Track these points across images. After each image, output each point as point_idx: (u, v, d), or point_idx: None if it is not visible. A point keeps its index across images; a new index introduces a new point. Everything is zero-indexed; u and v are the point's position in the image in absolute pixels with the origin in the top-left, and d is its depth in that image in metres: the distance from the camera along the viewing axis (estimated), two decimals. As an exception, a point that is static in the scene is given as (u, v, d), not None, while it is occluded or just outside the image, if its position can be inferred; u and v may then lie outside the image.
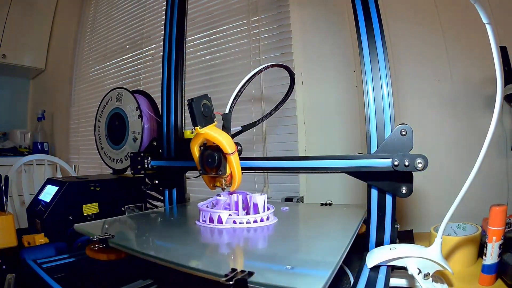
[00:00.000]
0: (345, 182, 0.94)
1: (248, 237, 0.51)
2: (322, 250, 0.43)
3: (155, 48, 1.54)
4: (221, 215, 0.54)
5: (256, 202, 0.56)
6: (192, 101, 0.53)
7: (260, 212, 0.56)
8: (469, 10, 0.70)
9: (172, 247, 0.48)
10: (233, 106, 0.61)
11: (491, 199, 0.69)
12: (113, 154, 1.04)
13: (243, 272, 0.32)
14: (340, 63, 1.00)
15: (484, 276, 0.49)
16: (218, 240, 0.50)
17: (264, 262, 0.39)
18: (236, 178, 0.56)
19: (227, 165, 0.56)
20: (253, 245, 0.49)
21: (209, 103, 0.55)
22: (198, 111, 0.53)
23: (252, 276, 0.32)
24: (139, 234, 0.57)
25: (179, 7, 0.82)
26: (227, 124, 0.59)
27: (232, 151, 0.54)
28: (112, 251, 0.49)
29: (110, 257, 0.50)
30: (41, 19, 2.23)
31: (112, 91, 1.04)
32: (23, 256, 0.59)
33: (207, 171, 0.58)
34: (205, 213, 0.56)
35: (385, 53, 0.56)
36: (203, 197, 1.09)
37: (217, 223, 0.54)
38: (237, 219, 0.54)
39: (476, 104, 0.81)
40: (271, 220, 0.57)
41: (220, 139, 0.54)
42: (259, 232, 0.52)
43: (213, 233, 0.52)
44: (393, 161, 0.50)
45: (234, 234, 0.51)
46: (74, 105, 2.04)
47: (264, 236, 0.51)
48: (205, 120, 0.54)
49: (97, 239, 0.48)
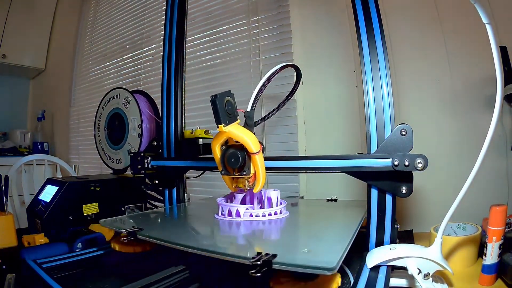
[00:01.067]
0: (345, 182, 0.94)
1: (265, 228, 0.55)
2: (332, 238, 0.48)
3: (155, 48, 1.54)
4: (239, 209, 0.58)
5: (270, 196, 0.60)
6: (216, 97, 0.49)
7: (274, 206, 0.59)
8: (469, 10, 0.70)
9: (200, 237, 0.53)
10: (256, 104, 0.57)
11: (491, 199, 0.69)
12: (113, 154, 1.04)
13: (268, 255, 0.36)
14: (340, 63, 1.00)
15: (484, 276, 0.49)
16: (238, 230, 0.54)
17: (283, 247, 0.44)
18: (261, 179, 0.54)
19: (251, 165, 0.54)
20: (271, 234, 0.53)
21: (232, 100, 0.52)
22: (221, 108, 0.50)
23: (276, 257, 0.36)
24: (163, 227, 0.61)
25: (179, 7, 0.82)
26: (250, 122, 0.56)
27: (257, 150, 0.52)
28: (139, 244, 0.53)
29: (136, 250, 0.55)
30: (41, 19, 2.23)
31: (112, 91, 1.04)
32: (23, 256, 0.59)
33: (230, 172, 0.55)
34: (224, 207, 0.59)
35: (385, 53, 0.56)
36: (203, 197, 1.09)
37: (235, 216, 0.58)
38: (253, 212, 0.58)
39: (476, 104, 0.81)
40: (283, 213, 0.61)
41: (245, 137, 0.52)
42: (273, 224, 0.56)
43: (231, 225, 0.56)
44: (393, 161, 0.50)
45: (251, 226, 0.55)
46: (74, 105, 2.04)
47: (279, 227, 0.56)
48: (228, 118, 0.51)
49: (126, 232, 0.50)
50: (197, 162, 0.75)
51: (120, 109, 1.01)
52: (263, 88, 0.58)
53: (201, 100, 1.27)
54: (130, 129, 0.97)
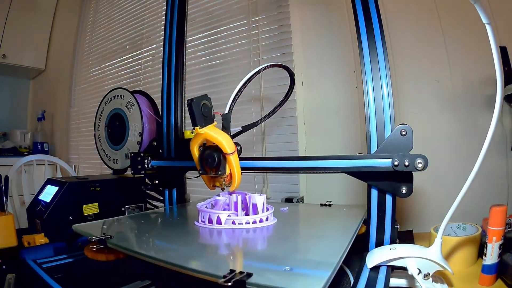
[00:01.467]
0: (345, 183, 0.94)
1: (247, 237, 0.51)
2: (322, 251, 0.43)
3: (155, 48, 1.54)
4: (220, 215, 0.54)
5: (255, 202, 0.56)
6: (192, 101, 0.53)
7: (260, 213, 0.56)
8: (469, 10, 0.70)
9: (171, 248, 0.48)
10: (233, 106, 0.61)
11: (491, 199, 0.69)
12: (112, 154, 1.04)
13: (242, 273, 0.32)
14: (340, 63, 1.00)
15: (484, 276, 0.49)
16: (217, 240, 0.50)
17: (263, 263, 0.39)
18: (236, 178, 0.56)
19: (227, 165, 0.56)
20: (252, 246, 0.49)
21: (208, 103, 0.55)
22: (197, 111, 0.53)
23: (251, 277, 0.32)
24: (137, 234, 0.56)
25: (179, 7, 0.82)
26: (227, 124, 0.59)
27: (232, 151, 0.55)
28: (111, 251, 0.49)
29: (109, 258, 0.50)
30: (41, 19, 2.23)
31: (112, 91, 1.04)
32: (23, 256, 0.59)
33: (207, 171, 0.58)
34: (204, 214, 0.56)
35: (385, 53, 0.56)
36: (203, 197, 1.09)
37: (216, 223, 0.54)
38: (236, 219, 0.54)
39: (476, 104, 0.81)
40: (270, 220, 0.57)
41: (219, 139, 0.54)
42: (258, 232, 0.52)
43: (212, 234, 0.52)
44: (393, 161, 0.50)
45: (233, 235, 0.51)
46: (74, 105, 2.04)
47: (263, 237, 0.51)
48: (204, 120, 0.54)
49: (95, 240, 0.47)
50: (197, 162, 0.75)
51: (120, 109, 1.01)
52: (240, 92, 0.62)
53: (201, 100, 1.27)
54: (130, 134, 0.97)
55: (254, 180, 1.13)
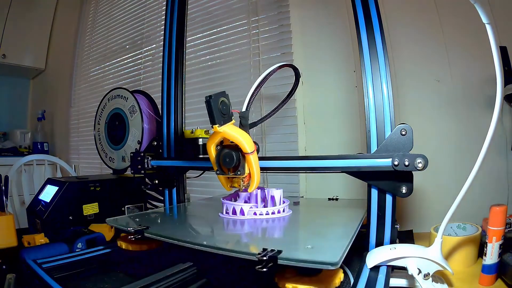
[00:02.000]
0: (345, 182, 0.94)
1: (269, 226, 0.56)
2: (334, 235, 0.49)
3: (155, 48, 1.54)
4: (243, 207, 0.59)
5: (273, 195, 0.61)
6: (210, 98, 0.50)
7: (277, 205, 0.61)
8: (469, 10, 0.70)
9: (205, 234, 0.54)
10: (251, 104, 0.58)
11: (491, 199, 0.69)
12: (112, 154, 1.04)
13: (273, 251, 0.38)
14: (340, 63, 1.00)
15: (484, 276, 0.49)
16: (243, 229, 0.55)
17: (287, 244, 0.45)
18: (255, 178, 0.55)
19: (246, 164, 0.54)
20: (275, 232, 0.54)
21: (227, 101, 0.53)
22: (216, 109, 0.50)
23: (281, 253, 0.37)
24: (168, 226, 0.62)
25: (179, 7, 0.82)
26: (245, 123, 0.57)
27: (252, 150, 0.53)
28: (144, 242, 0.55)
29: (142, 248, 0.56)
30: (41, 19, 2.23)
31: (112, 91, 1.04)
32: (23, 256, 0.59)
33: (224, 171, 0.56)
34: (229, 206, 0.60)
35: (385, 53, 0.56)
36: (203, 197, 1.09)
37: (240, 214, 0.59)
38: (257, 211, 0.59)
39: (476, 104, 0.81)
40: (286, 212, 0.62)
41: (239, 138, 0.52)
42: (277, 222, 0.58)
43: (236, 224, 0.57)
44: (393, 161, 0.50)
45: (255, 224, 0.56)
46: (74, 105, 2.04)
47: (282, 225, 0.57)
48: (223, 118, 0.52)
49: (133, 230, 0.50)
50: (197, 162, 0.75)
51: (120, 109, 1.01)
52: (259, 89, 0.59)
53: (201, 100, 1.25)
54: (129, 140, 0.97)
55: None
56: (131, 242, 0.56)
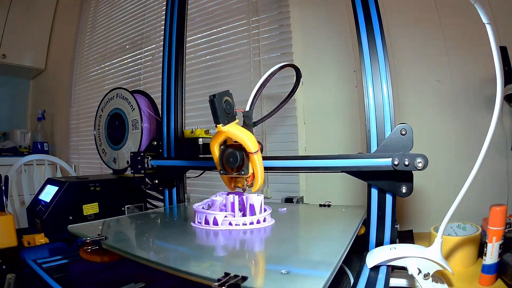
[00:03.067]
0: (345, 182, 0.94)
1: (244, 239, 0.50)
2: (320, 252, 0.42)
3: (155, 48, 1.54)
4: (216, 216, 0.53)
5: (252, 203, 0.55)
6: (214, 97, 0.49)
7: (257, 214, 0.55)
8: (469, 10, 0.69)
9: (166, 249, 0.47)
10: (254, 104, 0.57)
11: (491, 199, 0.69)
12: (112, 154, 1.04)
13: (237, 277, 0.32)
14: (340, 63, 1.00)
15: (484, 276, 0.49)
16: (213, 242, 0.49)
17: (259, 265, 0.39)
18: (259, 178, 0.54)
19: (250, 164, 0.54)
20: (249, 247, 0.48)
21: (231, 100, 0.52)
22: (220, 108, 0.50)
23: (246, 281, 0.31)
24: (133, 235, 0.55)
25: (179, 7, 0.82)
26: (249, 122, 0.56)
27: (256, 150, 0.52)
28: (106, 253, 0.48)
29: (103, 259, 0.49)
30: (41, 19, 2.23)
31: (112, 91, 1.04)
32: (23, 256, 0.59)
33: (228, 171, 0.55)
34: (201, 215, 0.55)
35: (385, 53, 0.56)
36: (204, 196, 1.09)
37: (213, 224, 0.53)
38: (233, 220, 0.53)
39: (476, 104, 0.81)
40: (268, 221, 0.56)
41: (243, 137, 0.51)
42: (255, 234, 0.51)
43: (208, 235, 0.51)
44: (393, 161, 0.50)
45: (230, 236, 0.50)
46: (74, 105, 2.04)
47: (260, 238, 0.50)
48: (227, 118, 0.51)
49: (90, 241, 0.46)
50: (197, 162, 0.75)
51: (120, 109, 1.01)
52: (262, 88, 0.58)
53: (201, 100, 1.27)
54: (129, 140, 0.97)
55: (254, 180, 1.13)
56: (90, 253, 0.49)
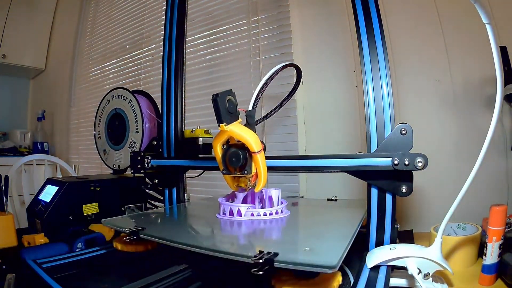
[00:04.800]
0: (345, 182, 0.94)
1: (266, 227, 0.55)
2: (333, 236, 0.48)
3: (155, 48, 1.54)
4: (240, 208, 0.58)
5: (271, 195, 0.60)
6: (217, 96, 0.49)
7: (275, 206, 0.60)
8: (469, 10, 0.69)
9: (201, 235, 0.53)
10: (257, 103, 0.57)
11: (491, 199, 0.69)
12: (112, 154, 1.04)
13: (269, 253, 0.37)
14: (340, 63, 1.00)
15: (484, 276, 0.49)
16: (240, 230, 0.54)
17: (284, 246, 0.44)
18: (262, 178, 0.54)
19: (253, 164, 0.54)
20: (272, 234, 0.53)
21: (233, 99, 0.52)
22: (223, 107, 0.50)
23: (277, 256, 0.36)
24: (166, 226, 0.61)
25: (179, 7, 0.82)
26: (251, 122, 0.56)
27: (259, 149, 0.52)
28: (139, 243, 0.54)
29: (138, 249, 0.55)
30: (41, 19, 2.23)
31: (112, 91, 1.04)
32: (23, 256, 0.59)
33: (231, 171, 0.55)
34: (226, 206, 0.60)
35: (385, 53, 0.56)
36: (203, 196, 1.09)
37: (237, 215, 0.58)
38: (255, 211, 0.58)
39: (476, 104, 0.81)
40: (284, 213, 0.61)
41: (246, 137, 0.51)
42: (275, 223, 0.57)
43: (233, 225, 0.56)
44: (393, 160, 0.50)
45: (253, 225, 0.55)
46: (74, 105, 2.04)
47: (280, 226, 0.56)
48: (230, 117, 0.51)
49: (128, 231, 0.50)
50: (197, 161, 0.75)
51: (120, 109, 1.01)
52: (264, 88, 0.58)
53: (201, 100, 1.27)
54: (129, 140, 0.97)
55: (254, 180, 1.13)
56: (127, 243, 0.54)
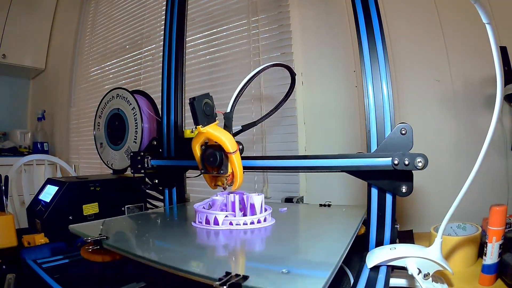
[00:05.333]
0: (345, 182, 0.94)
1: (245, 239, 0.50)
2: (321, 252, 0.42)
3: (155, 48, 1.54)
4: (217, 216, 0.54)
5: (253, 202, 0.55)
6: (194, 99, 0.52)
7: (257, 213, 0.55)
8: (469, 10, 0.70)
9: (167, 249, 0.47)
10: (235, 105, 0.60)
11: (491, 199, 0.69)
12: (112, 154, 1.04)
13: (238, 276, 0.32)
14: (340, 63, 1.00)
15: (484, 276, 0.49)
16: (214, 242, 0.49)
17: (260, 265, 0.38)
18: (238, 177, 0.56)
19: (229, 164, 0.56)
20: (250, 247, 0.48)
21: (210, 102, 0.55)
22: (199, 110, 0.53)
23: (247, 280, 0.31)
24: (134, 235, 0.56)
25: (179, 7, 0.82)
26: (229, 123, 0.59)
27: (234, 150, 0.54)
28: (107, 252, 0.48)
29: (104, 259, 0.49)
30: (41, 19, 2.23)
31: (112, 91, 1.04)
32: (23, 256, 0.59)
33: (209, 170, 0.58)
34: (201, 214, 0.56)
35: (385, 53, 0.56)
36: (204, 196, 1.09)
37: (213, 224, 0.54)
38: (234, 220, 0.54)
39: (476, 104, 0.81)
40: (268, 221, 0.56)
41: (221, 138, 0.54)
42: (256, 233, 0.51)
43: (209, 235, 0.51)
44: (393, 160, 0.50)
45: (231, 236, 0.50)
46: (74, 105, 2.04)
47: (261, 238, 0.51)
48: (206, 119, 0.54)
49: (91, 240, 0.47)
50: (197, 162, 0.75)
51: (120, 110, 1.01)
52: (243, 91, 0.61)
53: (201, 100, 1.27)
54: (129, 140, 0.97)
55: (254, 180, 1.13)
56: (91, 252, 0.50)
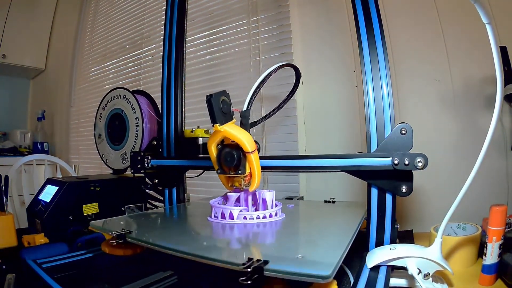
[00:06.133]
0: (345, 182, 0.94)
1: (259, 231, 0.53)
2: (329, 242, 0.46)
3: (155, 48, 1.54)
4: (232, 211, 0.56)
5: (265, 198, 0.58)
6: (211, 97, 0.50)
7: (269, 208, 0.58)
8: (469, 10, 0.70)
9: (190, 240, 0.51)
10: (251, 103, 0.58)
11: (491, 199, 0.69)
12: (112, 154, 1.04)
13: (259, 261, 0.35)
14: (340, 63, 1.00)
15: (484, 276, 0.49)
16: (231, 234, 0.52)
17: (276, 253, 0.42)
18: (256, 178, 0.55)
19: (247, 164, 0.54)
20: (265, 238, 0.51)
21: (227, 100, 0.53)
22: (217, 108, 0.50)
23: (268, 264, 0.34)
24: (154, 229, 0.59)
25: (179, 7, 0.82)
26: (246, 122, 0.57)
27: (253, 149, 0.53)
28: (128, 246, 0.51)
29: (126, 253, 0.52)
30: (41, 19, 2.23)
31: (112, 91, 1.04)
32: (23, 256, 0.59)
33: (225, 171, 0.56)
34: (217, 209, 0.58)
35: (385, 53, 0.56)
36: (204, 196, 1.09)
37: (229, 218, 0.56)
38: (248, 214, 0.56)
39: (476, 104, 0.81)
40: (279, 216, 0.59)
41: (240, 137, 0.52)
42: (268, 227, 0.55)
43: (225, 228, 0.54)
44: (393, 160, 0.50)
45: (245, 229, 0.53)
46: (74, 105, 2.04)
47: (274, 231, 0.54)
48: (224, 117, 0.52)
49: (115, 235, 0.49)
50: (197, 161, 0.75)
51: (120, 110, 1.01)
52: (259, 88, 0.59)
53: (201, 100, 1.26)
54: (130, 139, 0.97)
55: (254, 180, 1.13)
56: (114, 246, 0.52)
